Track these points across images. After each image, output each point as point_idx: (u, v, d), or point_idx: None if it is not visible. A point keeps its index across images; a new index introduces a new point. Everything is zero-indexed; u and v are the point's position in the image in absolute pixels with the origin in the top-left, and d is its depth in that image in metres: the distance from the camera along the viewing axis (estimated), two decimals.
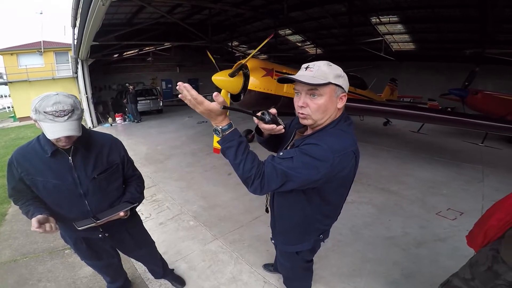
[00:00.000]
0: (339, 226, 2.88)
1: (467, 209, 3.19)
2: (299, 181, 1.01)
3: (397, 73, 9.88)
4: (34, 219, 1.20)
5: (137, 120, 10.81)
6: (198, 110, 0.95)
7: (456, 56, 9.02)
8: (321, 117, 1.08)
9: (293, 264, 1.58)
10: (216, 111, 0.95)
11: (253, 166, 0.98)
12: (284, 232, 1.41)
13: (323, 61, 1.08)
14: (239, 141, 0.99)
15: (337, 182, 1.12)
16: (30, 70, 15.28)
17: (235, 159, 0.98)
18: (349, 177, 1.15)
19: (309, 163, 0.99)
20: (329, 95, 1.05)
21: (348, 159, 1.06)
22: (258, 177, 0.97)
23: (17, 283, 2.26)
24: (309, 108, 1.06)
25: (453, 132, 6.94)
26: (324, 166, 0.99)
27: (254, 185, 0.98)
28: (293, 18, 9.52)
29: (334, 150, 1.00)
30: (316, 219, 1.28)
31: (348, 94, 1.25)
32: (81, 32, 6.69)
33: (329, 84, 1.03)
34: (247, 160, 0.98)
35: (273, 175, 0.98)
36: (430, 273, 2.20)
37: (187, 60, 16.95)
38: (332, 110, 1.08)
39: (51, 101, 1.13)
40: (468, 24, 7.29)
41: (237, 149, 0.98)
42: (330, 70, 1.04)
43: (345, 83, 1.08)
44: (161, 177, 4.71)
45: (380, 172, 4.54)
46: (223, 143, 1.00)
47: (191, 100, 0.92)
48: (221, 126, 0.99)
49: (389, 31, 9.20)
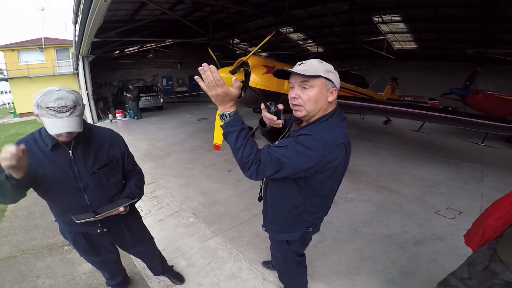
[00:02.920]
0: (337, 223, 2.91)
1: (466, 208, 3.19)
2: (291, 168, 1.09)
3: (398, 72, 9.86)
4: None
5: (137, 117, 10.83)
6: (215, 92, 1.01)
7: (457, 56, 9.02)
8: (312, 108, 1.15)
9: (284, 256, 1.61)
10: (232, 96, 1.04)
11: (252, 152, 1.05)
12: (274, 220, 1.45)
13: (315, 59, 1.18)
14: (241, 127, 1.06)
15: (327, 173, 1.18)
16: (30, 67, 15.26)
17: (235, 144, 1.05)
18: (339, 169, 1.20)
19: (302, 152, 1.06)
20: (319, 87, 1.13)
21: (338, 151, 1.13)
22: (255, 163, 1.04)
23: (16, 280, 2.26)
24: (301, 99, 1.15)
25: (454, 131, 6.95)
26: (315, 156, 1.07)
27: (251, 170, 1.05)
28: (295, 16, 9.49)
29: (326, 141, 1.08)
30: (305, 210, 1.34)
31: (349, 92, 1.26)
32: (83, 29, 6.68)
33: (319, 77, 1.11)
34: (246, 146, 1.05)
35: (268, 161, 1.05)
36: (428, 271, 2.21)
37: (188, 57, 16.94)
38: (323, 103, 1.16)
39: (54, 96, 1.12)
40: (470, 23, 7.27)
41: (239, 134, 1.05)
42: (321, 65, 1.14)
43: (335, 79, 1.16)
44: (161, 174, 4.72)
45: (379, 170, 4.54)
46: (226, 128, 1.07)
47: (213, 81, 0.99)
48: (229, 111, 1.06)
49: (391, 30, 9.18)
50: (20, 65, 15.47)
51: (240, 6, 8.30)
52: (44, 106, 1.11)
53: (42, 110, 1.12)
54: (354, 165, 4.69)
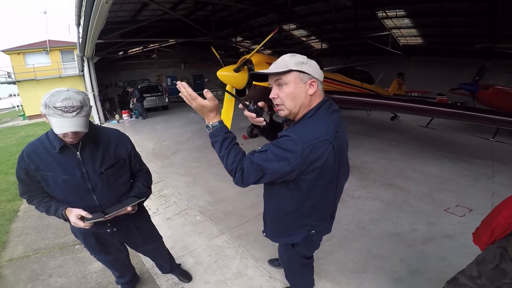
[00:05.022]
0: (345, 221, 2.89)
1: (476, 206, 3.14)
2: (272, 173, 1.06)
3: (405, 68, 9.74)
4: (73, 215, 1.31)
5: (143, 117, 10.93)
6: (193, 105, 1.08)
7: (465, 51, 8.85)
8: (292, 105, 1.12)
9: (290, 257, 1.59)
10: (207, 107, 1.07)
11: (235, 160, 1.07)
12: (273, 224, 1.43)
13: (288, 54, 1.13)
14: (224, 136, 1.10)
15: (314, 174, 1.10)
16: (37, 69, 15.47)
17: (219, 152, 1.10)
18: (327, 168, 1.10)
19: (280, 155, 1.03)
20: (294, 82, 1.09)
21: (321, 149, 1.05)
22: (238, 170, 1.06)
23: (29, 279, 2.31)
24: (280, 98, 1.12)
25: (463, 127, 6.83)
26: (294, 157, 1.02)
27: (236, 177, 1.07)
28: (297, 12, 9.41)
29: (304, 140, 1.02)
30: (301, 214, 1.27)
31: (354, 88, 1.18)
32: (86, 31, 6.72)
33: (290, 71, 1.07)
34: (229, 154, 1.08)
35: (250, 168, 1.05)
36: (437, 270, 2.19)
37: (191, 57, 17.01)
38: (303, 97, 1.11)
39: (61, 96, 1.14)
40: (477, 18, 7.11)
41: (222, 143, 1.09)
42: (292, 59, 1.09)
43: (312, 70, 1.10)
44: (167, 172, 4.76)
45: (387, 167, 4.49)
46: (211, 137, 1.12)
47: (187, 96, 1.06)
48: (212, 122, 1.11)
49: (396, 25, 9.04)
50: (26, 68, 15.71)
51: (242, 4, 8.26)
52: (51, 105, 1.13)
53: (49, 109, 1.13)
54: (361, 162, 4.65)
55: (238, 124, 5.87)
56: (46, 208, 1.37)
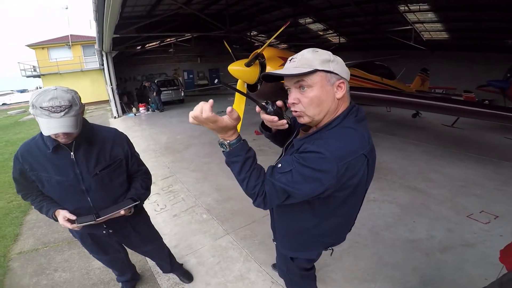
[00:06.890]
0: (357, 226, 2.67)
1: (503, 212, 2.85)
2: (301, 196, 0.91)
3: (428, 63, 9.26)
4: (60, 217, 1.32)
5: (160, 110, 11.31)
6: (209, 127, 0.86)
7: (495, 46, 8.28)
8: (317, 112, 0.92)
9: (288, 269, 1.46)
10: (230, 126, 0.87)
11: (257, 184, 0.90)
12: (284, 238, 1.29)
13: (308, 49, 0.93)
14: (246, 157, 0.91)
15: (348, 191, 0.95)
16: (60, 63, 16.14)
17: (239, 175, 0.92)
18: (361, 184, 0.97)
19: (311, 176, 0.85)
20: (320, 84, 0.89)
21: (358, 165, 0.89)
22: (260, 194, 0.91)
23: (35, 272, 2.35)
24: (301, 104, 0.92)
25: (493, 127, 6.31)
26: (328, 178, 0.84)
27: (257, 201, 0.93)
28: (313, 6, 9.12)
29: (339, 157, 0.84)
30: (320, 233, 1.12)
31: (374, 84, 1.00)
32: (101, 25, 6.84)
33: (316, 71, 0.87)
34: (251, 178, 0.91)
35: (273, 193, 0.90)
36: (452, 281, 2.01)
37: (207, 51, 17.05)
38: (330, 102, 0.91)
39: (48, 96, 1.09)
40: (509, 12, 6.52)
41: (243, 165, 0.90)
42: (315, 56, 0.89)
43: (339, 68, 0.90)
44: (178, 167, 4.77)
45: (406, 167, 4.23)
46: (229, 157, 0.92)
47: (203, 121, 0.83)
48: (229, 140, 0.90)
49: (419, 19, 8.53)
50: (50, 62, 16.43)
51: None
52: (38, 106, 1.08)
53: (36, 110, 1.09)
54: (378, 162, 4.30)
55: (251, 119, 5.71)
56: (38, 207, 1.37)
